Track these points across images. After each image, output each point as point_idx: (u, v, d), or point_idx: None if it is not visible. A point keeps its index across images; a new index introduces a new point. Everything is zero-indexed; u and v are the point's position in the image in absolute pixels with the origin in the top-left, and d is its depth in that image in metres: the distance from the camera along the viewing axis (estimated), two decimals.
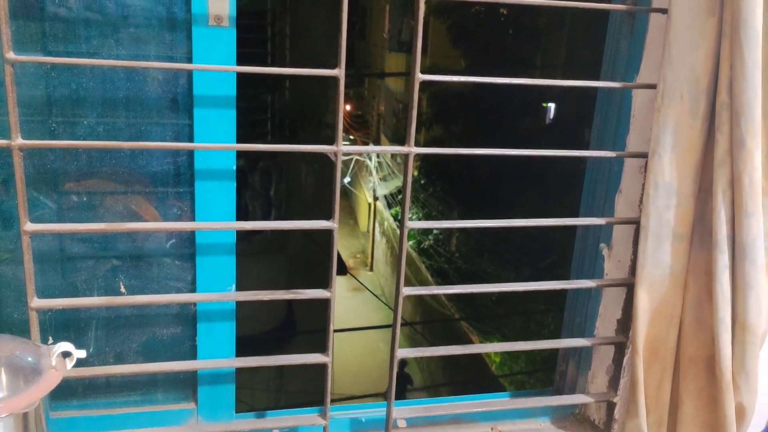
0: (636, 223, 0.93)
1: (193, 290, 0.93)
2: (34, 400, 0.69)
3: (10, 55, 0.71)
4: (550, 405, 1.04)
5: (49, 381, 0.71)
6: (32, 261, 0.78)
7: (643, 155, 0.90)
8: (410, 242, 9.95)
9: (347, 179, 13.01)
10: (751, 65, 0.79)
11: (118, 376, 0.94)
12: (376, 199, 12.14)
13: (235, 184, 0.88)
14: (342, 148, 0.82)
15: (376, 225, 12.43)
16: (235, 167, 0.88)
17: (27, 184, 0.76)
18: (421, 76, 0.82)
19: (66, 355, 0.74)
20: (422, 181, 9.75)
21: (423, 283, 9.55)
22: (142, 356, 0.94)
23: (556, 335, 1.19)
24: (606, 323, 1.05)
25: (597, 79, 1.03)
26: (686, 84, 0.84)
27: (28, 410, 0.69)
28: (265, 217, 5.76)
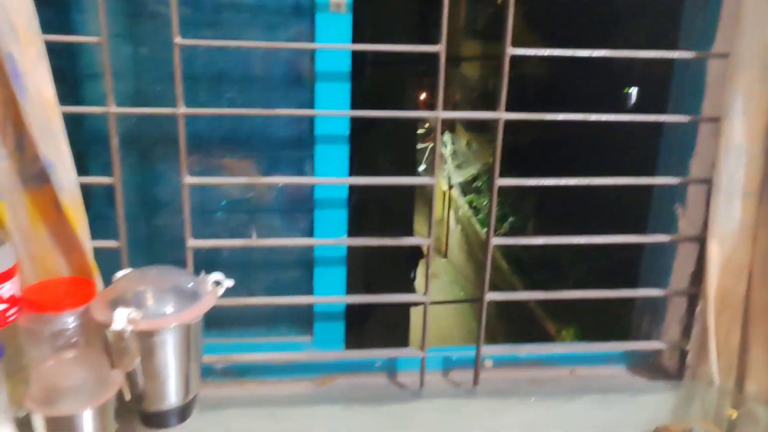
0: (708, 183, 1.01)
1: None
2: (198, 315, 0.86)
3: (178, 39, 0.88)
4: (626, 350, 1.14)
5: (207, 302, 0.88)
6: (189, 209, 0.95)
7: (716, 120, 0.99)
8: (485, 230, 9.97)
9: (422, 167, 13.09)
10: None
11: (249, 312, 1.11)
12: (450, 187, 12.20)
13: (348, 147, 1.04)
14: (441, 114, 0.95)
15: (451, 212, 12.50)
16: (348, 132, 1.03)
17: None
18: (512, 51, 0.94)
19: (217, 284, 0.91)
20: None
21: (497, 270, 9.57)
22: (269, 295, 1.11)
23: (628, 328, 1.26)
24: (679, 279, 1.14)
25: (674, 59, 1.11)
26: (757, 53, 0.92)
27: (191, 323, 0.86)
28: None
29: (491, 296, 1.05)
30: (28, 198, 0.88)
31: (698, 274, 1.08)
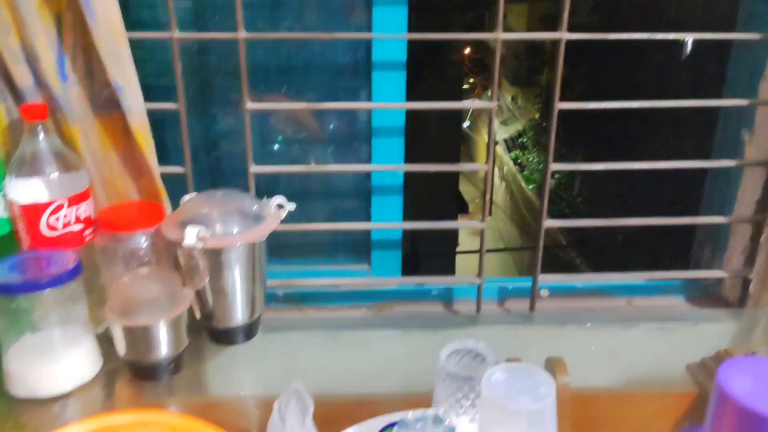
0: None
1: None
2: (263, 235, 0.89)
3: None
4: (686, 279, 1.13)
5: (271, 223, 0.91)
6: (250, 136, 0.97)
7: None
8: (530, 186, 9.83)
9: (467, 123, 12.94)
10: None
11: (308, 242, 1.14)
12: (495, 143, 12.02)
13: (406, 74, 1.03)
14: (501, 35, 0.94)
15: (495, 169, 12.33)
16: (405, 58, 1.02)
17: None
18: None
19: (279, 207, 0.93)
20: (544, 124, 9.52)
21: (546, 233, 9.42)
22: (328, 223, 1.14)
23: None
24: (744, 207, 1.11)
25: None
26: None
27: (257, 242, 0.89)
28: None
29: (549, 223, 1.05)
30: (99, 124, 0.91)
31: (764, 201, 1.05)
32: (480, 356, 0.67)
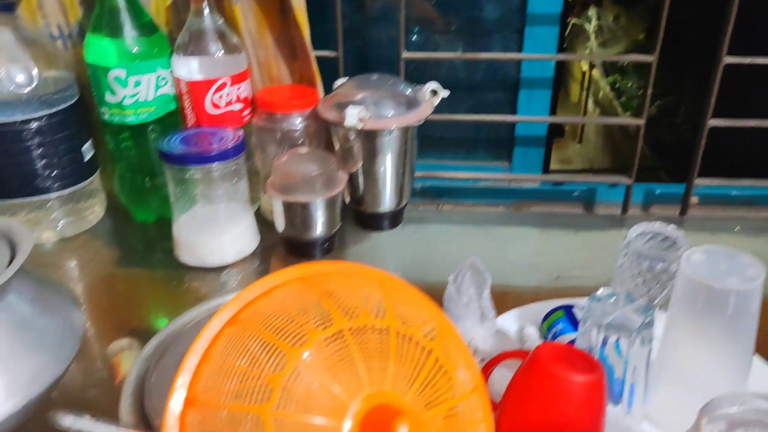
0: None
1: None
2: (420, 119, 0.87)
3: None
4: None
5: (426, 108, 0.89)
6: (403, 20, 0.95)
7: None
8: (627, 113, 9.32)
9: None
10: None
11: (449, 136, 1.12)
12: (592, 66, 11.42)
13: None
14: None
15: (590, 95, 11.78)
16: None
17: None
18: None
19: (433, 93, 0.91)
20: (649, 45, 8.89)
21: (640, 158, 9.03)
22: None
23: None
24: None
25: None
26: None
27: (411, 127, 0.88)
28: None
29: (714, 122, 0.98)
30: (256, 4, 0.91)
31: None
32: (668, 240, 0.64)
